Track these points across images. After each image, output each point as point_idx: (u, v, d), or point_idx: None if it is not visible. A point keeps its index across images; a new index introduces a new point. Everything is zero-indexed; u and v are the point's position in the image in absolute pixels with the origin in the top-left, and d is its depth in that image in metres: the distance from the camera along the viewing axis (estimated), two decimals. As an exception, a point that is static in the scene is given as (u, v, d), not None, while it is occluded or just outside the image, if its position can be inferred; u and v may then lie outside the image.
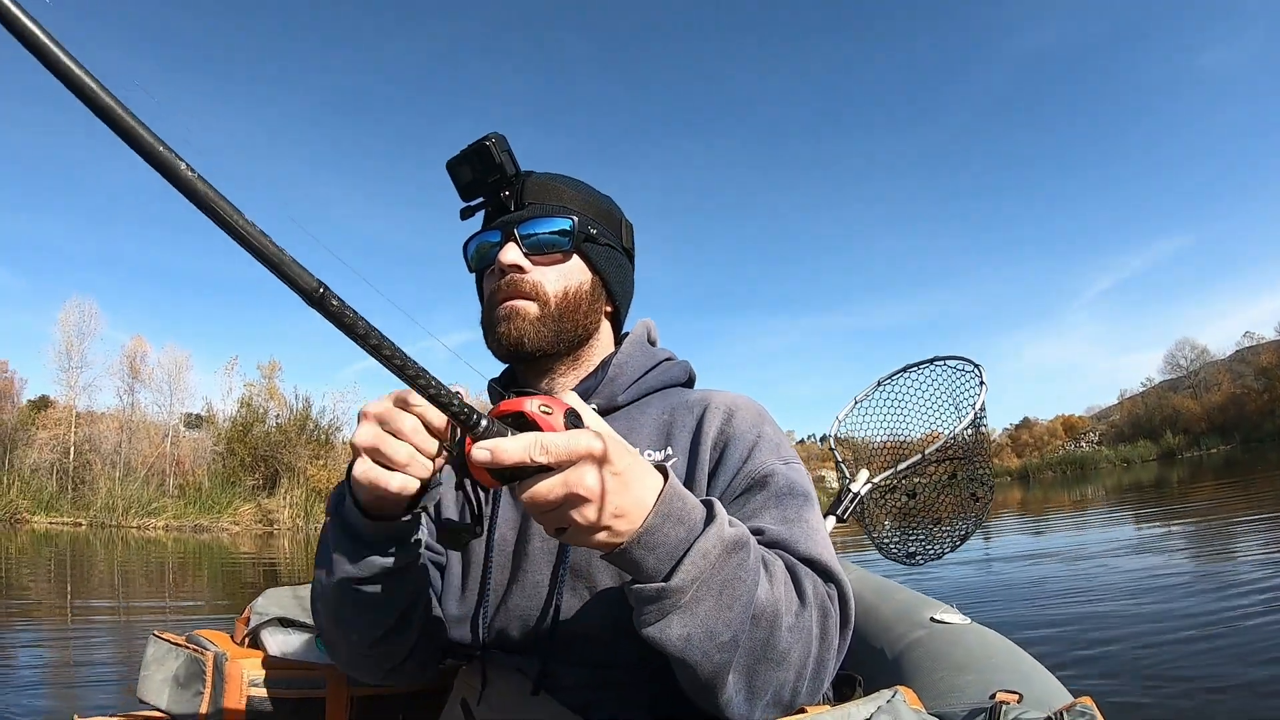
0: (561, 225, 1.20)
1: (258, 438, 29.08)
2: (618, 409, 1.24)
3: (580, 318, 1.22)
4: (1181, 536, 9.11)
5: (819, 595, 0.92)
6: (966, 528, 2.46)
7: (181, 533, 22.74)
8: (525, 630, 1.11)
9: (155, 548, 16.38)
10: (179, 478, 28.32)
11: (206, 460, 28.91)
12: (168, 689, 1.28)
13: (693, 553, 0.80)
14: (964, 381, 2.53)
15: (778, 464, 1.10)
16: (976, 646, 1.31)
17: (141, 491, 25.62)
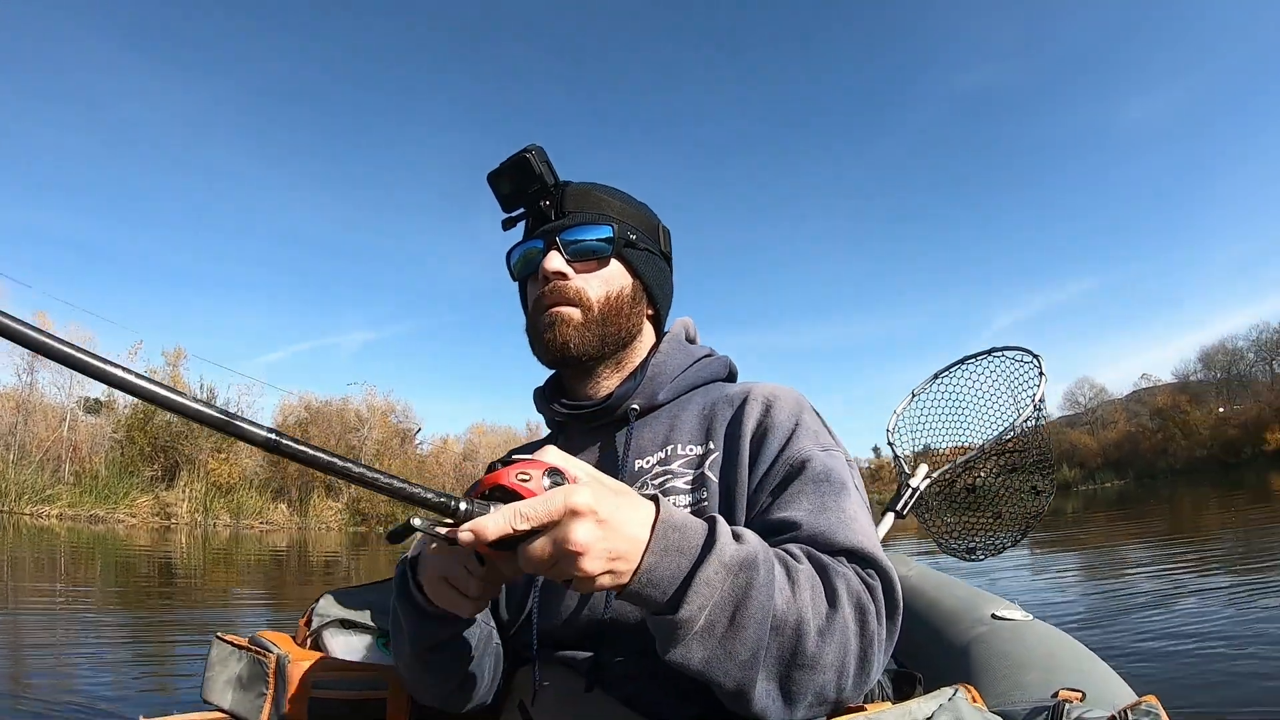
0: (603, 232, 1.22)
1: (159, 427, 27.74)
2: (659, 407, 1.26)
3: (623, 321, 1.24)
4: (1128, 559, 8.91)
5: (853, 592, 0.91)
6: (1027, 521, 2.42)
7: (76, 522, 21.96)
8: (576, 627, 1.13)
9: (48, 536, 16.12)
10: (75, 464, 26.77)
11: (105, 448, 27.42)
12: (231, 690, 1.31)
13: (696, 582, 0.80)
14: (1023, 373, 2.48)
15: (815, 450, 1.10)
16: (1039, 643, 1.29)
17: (36, 477, 24.32)
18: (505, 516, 0.73)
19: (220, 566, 12.24)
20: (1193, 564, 7.14)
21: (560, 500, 0.74)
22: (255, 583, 9.94)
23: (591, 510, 0.75)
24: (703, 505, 1.11)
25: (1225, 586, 5.63)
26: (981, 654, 1.33)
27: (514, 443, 42.49)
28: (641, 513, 0.81)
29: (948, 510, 2.55)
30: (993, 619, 1.46)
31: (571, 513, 0.74)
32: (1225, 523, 11.86)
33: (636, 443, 1.22)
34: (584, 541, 0.74)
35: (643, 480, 1.17)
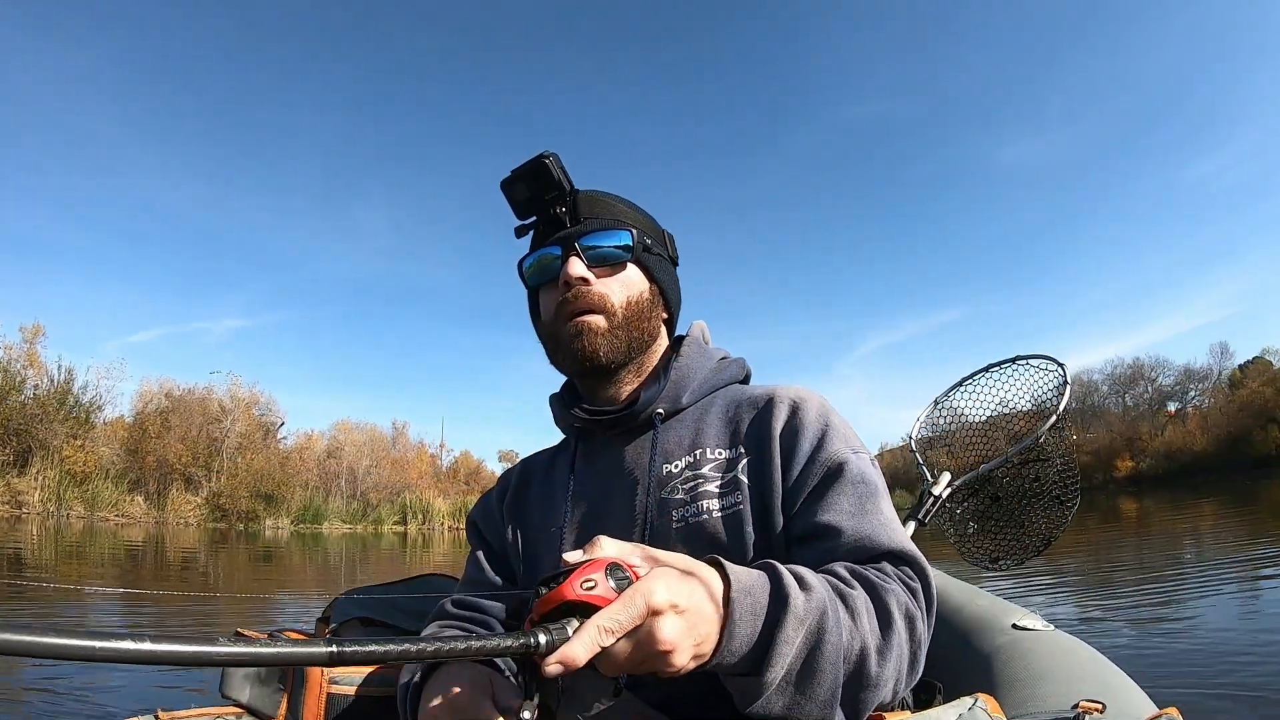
0: (621, 238, 1.22)
1: (12, 408, 26.05)
2: (683, 410, 1.25)
3: (645, 324, 1.25)
4: None
5: (903, 606, 0.92)
6: (1052, 531, 2.40)
7: None
8: None
9: None
10: None
11: None
12: (249, 685, 1.32)
13: (777, 643, 0.80)
14: (1047, 381, 2.47)
15: (849, 453, 1.11)
16: (1059, 654, 1.28)
17: None
18: (591, 637, 0.70)
19: (73, 561, 11.83)
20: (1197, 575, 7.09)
21: (640, 604, 0.72)
22: (109, 581, 9.40)
23: (672, 605, 0.73)
24: (737, 509, 1.11)
25: (1243, 596, 5.58)
26: (1001, 664, 1.32)
27: (379, 441, 42.59)
28: (713, 587, 0.80)
29: (970, 519, 2.54)
30: (1013, 629, 1.44)
31: (654, 612, 0.72)
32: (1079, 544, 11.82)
33: (663, 447, 1.21)
34: (670, 639, 0.73)
35: (671, 485, 1.16)
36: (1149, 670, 3.53)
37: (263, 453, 33.76)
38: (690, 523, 1.12)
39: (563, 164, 1.19)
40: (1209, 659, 3.73)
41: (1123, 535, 12.66)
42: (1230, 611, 5.01)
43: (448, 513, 37.78)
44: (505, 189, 1.22)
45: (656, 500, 1.16)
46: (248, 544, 18.98)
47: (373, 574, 12.13)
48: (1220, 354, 49.46)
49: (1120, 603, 5.84)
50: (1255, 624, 4.57)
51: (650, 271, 1.27)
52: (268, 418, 36.95)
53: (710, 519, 1.11)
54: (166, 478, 29.91)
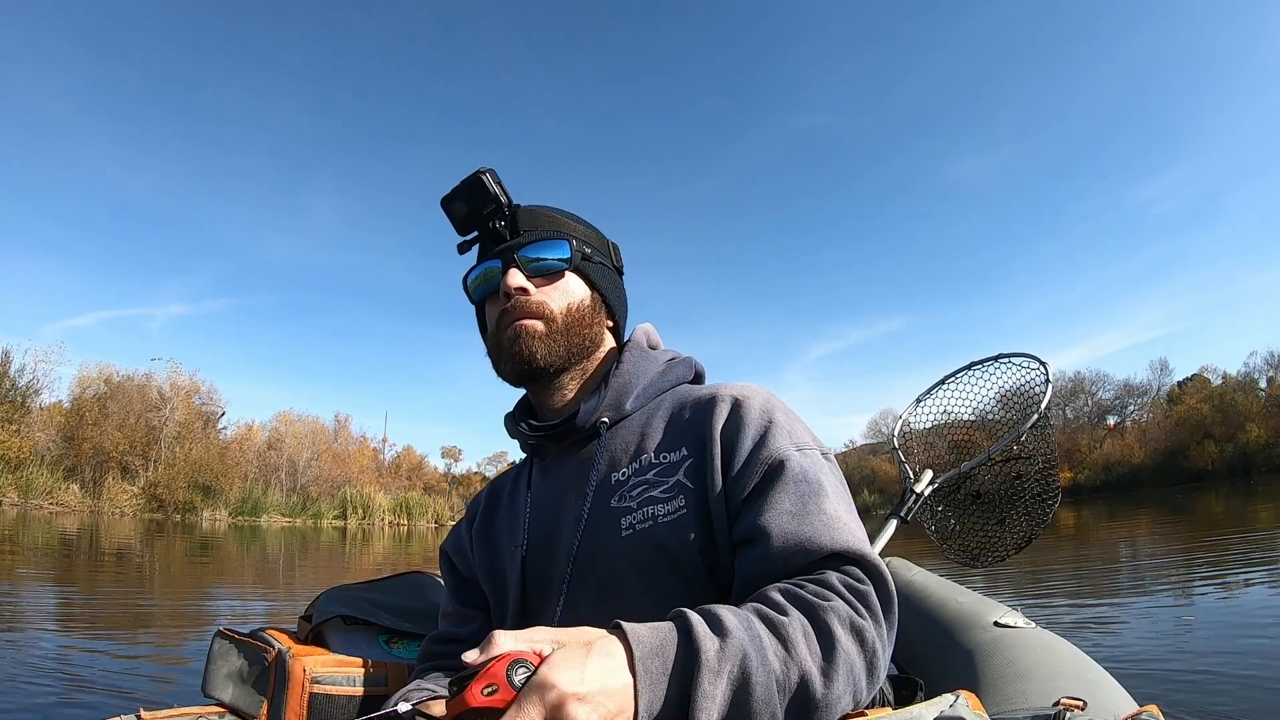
0: (560, 248, 1.25)
1: None
2: (628, 417, 1.25)
3: (585, 330, 1.26)
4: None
5: (846, 620, 0.90)
6: (1032, 529, 2.41)
7: None
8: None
9: None
10: None
11: None
12: (231, 684, 1.31)
13: (696, 699, 0.78)
14: (1029, 379, 2.48)
15: (790, 450, 1.09)
16: (1040, 651, 1.29)
17: None
18: None
19: (3, 550, 11.67)
20: (1191, 569, 7.18)
21: (537, 705, 0.72)
22: (43, 572, 9.27)
23: (572, 694, 0.73)
24: (681, 514, 1.10)
25: (1227, 592, 5.66)
26: (983, 661, 1.33)
27: (320, 434, 42.16)
28: (614, 658, 0.79)
29: (952, 516, 2.55)
30: (994, 626, 1.45)
31: (554, 706, 0.72)
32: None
33: (609, 455, 1.21)
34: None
35: (618, 493, 1.16)
36: (1130, 667, 3.57)
37: (202, 442, 33.16)
38: (637, 529, 1.11)
39: (499, 178, 1.22)
40: (1189, 656, 3.78)
41: (1062, 543, 12.71)
42: (1206, 612, 5.08)
43: (389, 508, 37.50)
44: (445, 206, 1.25)
45: (604, 509, 1.16)
46: (185, 536, 18.67)
47: (312, 570, 12.14)
48: (1160, 370, 51.28)
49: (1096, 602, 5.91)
50: (1231, 622, 4.65)
51: (591, 280, 1.29)
52: (208, 407, 36.41)
53: (655, 525, 1.10)
54: (103, 466, 29.37)
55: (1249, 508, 17.88)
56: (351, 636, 1.47)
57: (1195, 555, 8.82)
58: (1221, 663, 3.60)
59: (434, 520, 38.93)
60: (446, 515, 40.18)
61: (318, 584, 10.24)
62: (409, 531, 31.78)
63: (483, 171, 1.20)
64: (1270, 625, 4.40)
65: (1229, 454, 40.17)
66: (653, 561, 1.10)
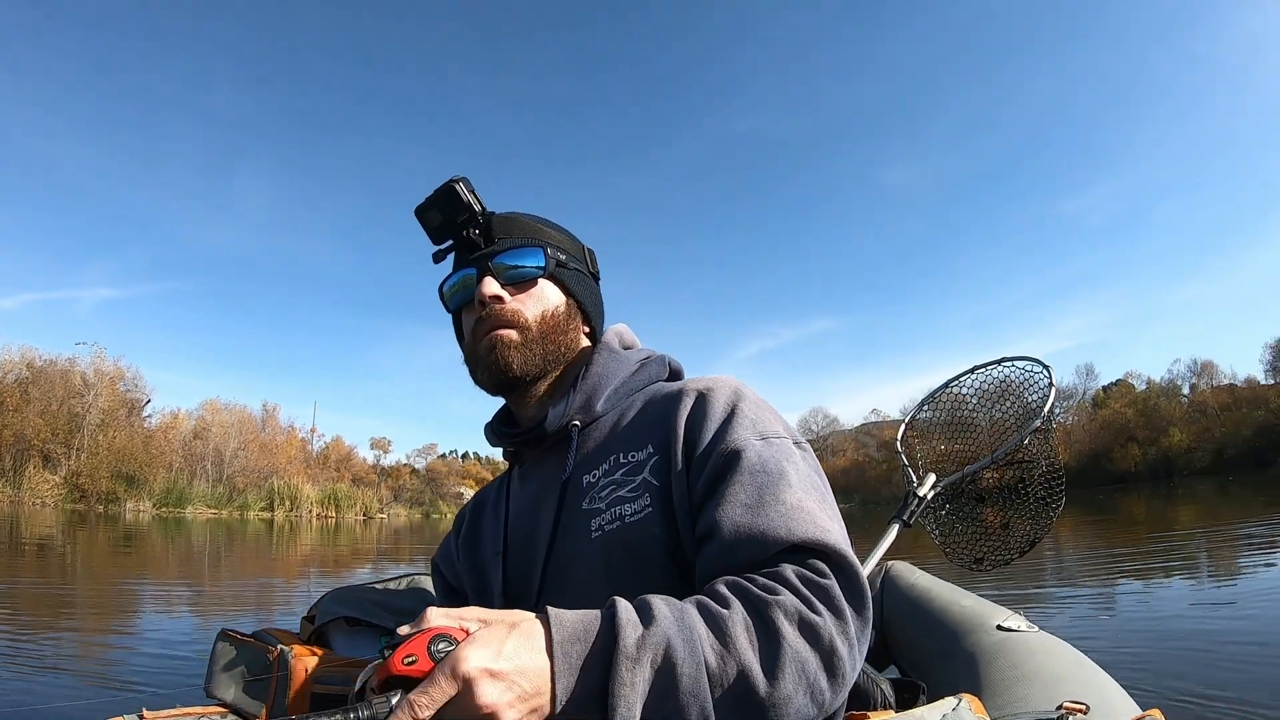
0: (534, 255, 1.25)
1: None
2: (599, 419, 1.25)
3: (560, 337, 1.26)
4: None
5: (793, 615, 0.87)
6: (1036, 532, 2.41)
7: None
8: None
9: None
10: None
11: None
12: (234, 684, 1.31)
13: (615, 687, 0.78)
14: (1033, 383, 2.48)
15: (751, 439, 1.06)
16: (1043, 656, 1.29)
17: None
18: (405, 713, 0.72)
19: None
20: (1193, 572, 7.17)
21: (447, 676, 0.73)
22: None
23: (482, 670, 0.74)
24: (647, 512, 1.08)
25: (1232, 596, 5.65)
26: (985, 665, 1.33)
27: (247, 423, 41.82)
28: (535, 640, 0.79)
29: (955, 520, 2.55)
30: (997, 630, 1.45)
31: (465, 679, 0.73)
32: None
33: (582, 457, 1.21)
34: (489, 703, 0.73)
35: (590, 494, 1.15)
36: (1133, 672, 3.57)
37: (126, 431, 32.89)
38: (606, 530, 1.10)
39: (473, 187, 1.23)
40: (1193, 663, 3.77)
41: None
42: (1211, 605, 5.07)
43: (316, 500, 37.02)
44: (419, 216, 1.26)
45: (575, 511, 1.16)
46: (108, 527, 18.55)
47: (238, 562, 12.13)
48: (1086, 375, 52.47)
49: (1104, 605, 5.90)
50: (1242, 622, 4.64)
51: (566, 286, 1.29)
52: (133, 394, 36.08)
53: (623, 526, 1.09)
54: (24, 454, 29.01)
55: (1171, 509, 18.41)
56: (355, 638, 1.47)
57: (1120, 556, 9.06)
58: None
59: (362, 513, 38.47)
60: (375, 508, 39.66)
61: (245, 577, 10.19)
62: (337, 524, 31.25)
63: (455, 181, 1.21)
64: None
65: (1152, 457, 41.39)
66: (621, 562, 1.09)
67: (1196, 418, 41.58)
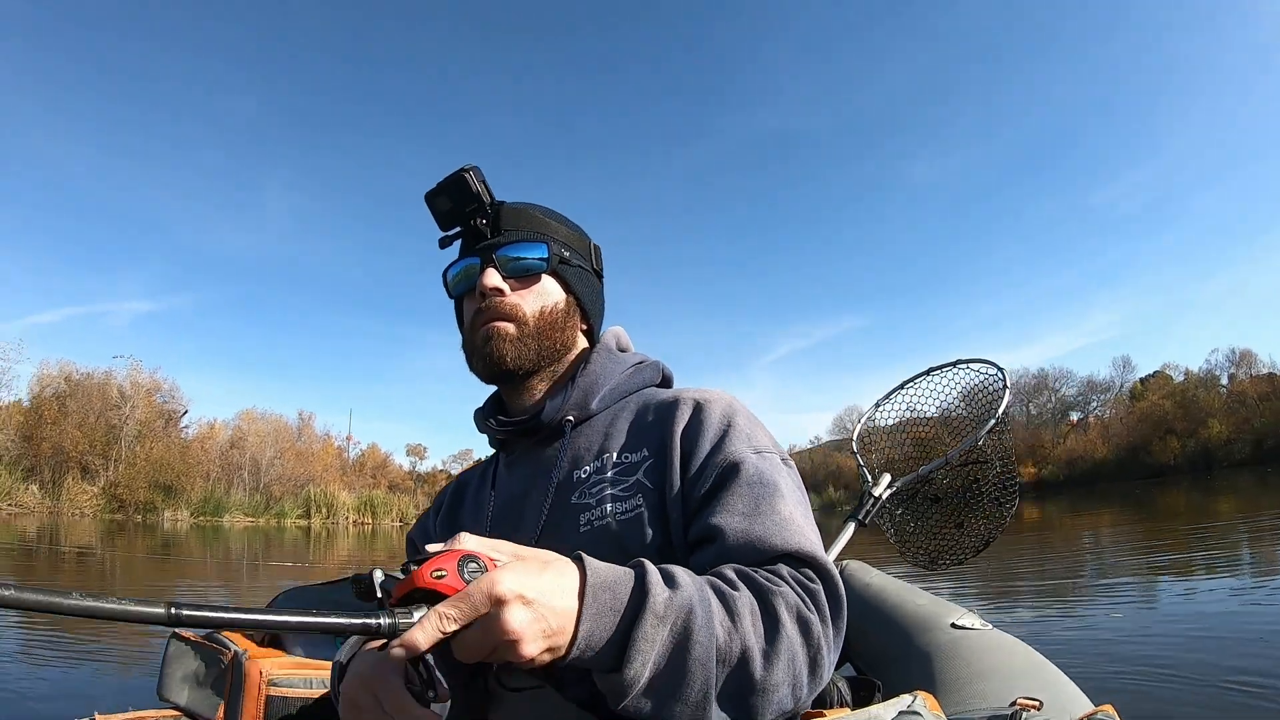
0: (538, 250, 1.25)
1: None
2: (593, 417, 1.26)
3: (558, 334, 1.26)
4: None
5: (793, 608, 0.91)
6: (990, 532, 2.44)
7: None
8: None
9: None
10: None
11: None
12: (187, 687, 1.29)
13: (635, 640, 0.80)
14: (987, 385, 2.51)
15: (747, 453, 1.10)
16: (997, 652, 1.30)
17: None
18: (433, 623, 0.73)
19: None
20: (1143, 571, 7.31)
21: (483, 592, 0.74)
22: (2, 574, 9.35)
23: (518, 595, 0.75)
24: (638, 513, 1.10)
25: (1182, 593, 5.77)
26: (940, 662, 1.34)
27: (283, 432, 42.30)
28: (568, 580, 0.81)
29: (910, 519, 2.57)
30: (952, 628, 1.47)
31: (498, 601, 0.74)
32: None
33: (573, 453, 1.23)
34: (516, 628, 0.74)
35: (580, 490, 1.17)
36: (1090, 667, 3.63)
37: (163, 441, 33.16)
38: (595, 526, 1.12)
39: (484, 177, 1.22)
40: (1146, 658, 3.84)
41: (1024, 539, 13.23)
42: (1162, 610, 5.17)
43: (353, 507, 37.35)
44: (428, 201, 1.25)
45: (565, 505, 1.17)
46: (146, 536, 18.60)
47: (276, 569, 12.12)
48: (1123, 367, 51.76)
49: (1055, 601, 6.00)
50: (1193, 622, 4.76)
51: (568, 283, 1.29)
52: (170, 405, 36.47)
53: (613, 523, 1.11)
54: (62, 466, 29.13)
55: (1209, 502, 18.18)
56: (310, 638, 1.45)
57: (1155, 552, 9.16)
58: (1176, 660, 3.68)
59: (399, 519, 38.64)
60: (411, 514, 39.71)
61: (284, 577, 10.17)
62: (374, 530, 31.65)
63: (466, 170, 1.21)
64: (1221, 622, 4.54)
65: (1190, 449, 40.52)
66: (608, 558, 1.09)
67: (1236, 408, 41.30)
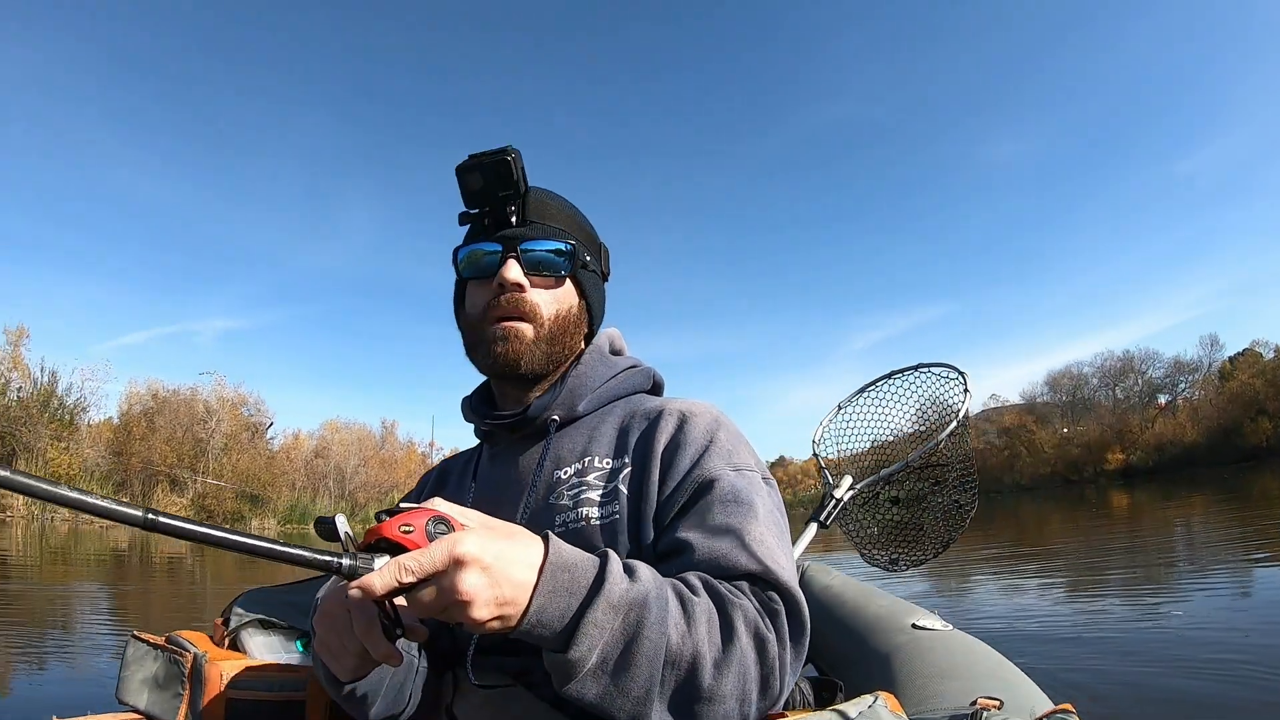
0: (562, 248, 1.21)
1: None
2: (580, 418, 1.25)
3: (567, 339, 1.25)
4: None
5: (751, 623, 0.91)
6: (949, 534, 2.47)
7: None
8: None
9: None
10: None
11: None
12: (146, 690, 1.27)
13: (585, 623, 0.81)
14: (948, 388, 2.54)
15: (725, 470, 1.09)
16: (958, 653, 1.32)
17: None
18: (391, 571, 0.75)
19: (58, 564, 11.93)
20: (1106, 575, 7.42)
21: (444, 551, 0.76)
22: (96, 584, 9.56)
23: (476, 559, 0.77)
24: (614, 519, 1.10)
25: (1138, 596, 5.85)
26: (901, 663, 1.35)
27: (367, 441, 43.37)
28: (529, 554, 0.83)
29: (871, 521, 2.59)
30: (913, 629, 1.48)
31: (456, 562, 0.76)
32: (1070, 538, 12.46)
33: (555, 453, 1.22)
34: (469, 590, 0.76)
35: (559, 490, 1.17)
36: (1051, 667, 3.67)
37: (249, 453, 34.11)
38: (570, 528, 1.12)
39: (523, 163, 1.17)
40: (1109, 657, 3.90)
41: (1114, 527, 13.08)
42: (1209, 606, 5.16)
43: None
44: (460, 175, 1.18)
45: (543, 505, 1.17)
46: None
47: None
48: (1210, 346, 49.09)
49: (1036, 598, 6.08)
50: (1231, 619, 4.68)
51: (582, 287, 1.27)
52: (255, 418, 37.20)
53: (588, 526, 1.11)
54: (152, 479, 29.79)
55: None
56: (270, 640, 1.43)
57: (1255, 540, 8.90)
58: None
59: None
60: None
61: None
62: None
63: (509, 153, 1.14)
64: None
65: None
66: None
67: (1330, 385, 38.89)
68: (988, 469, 51.71)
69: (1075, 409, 51.84)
